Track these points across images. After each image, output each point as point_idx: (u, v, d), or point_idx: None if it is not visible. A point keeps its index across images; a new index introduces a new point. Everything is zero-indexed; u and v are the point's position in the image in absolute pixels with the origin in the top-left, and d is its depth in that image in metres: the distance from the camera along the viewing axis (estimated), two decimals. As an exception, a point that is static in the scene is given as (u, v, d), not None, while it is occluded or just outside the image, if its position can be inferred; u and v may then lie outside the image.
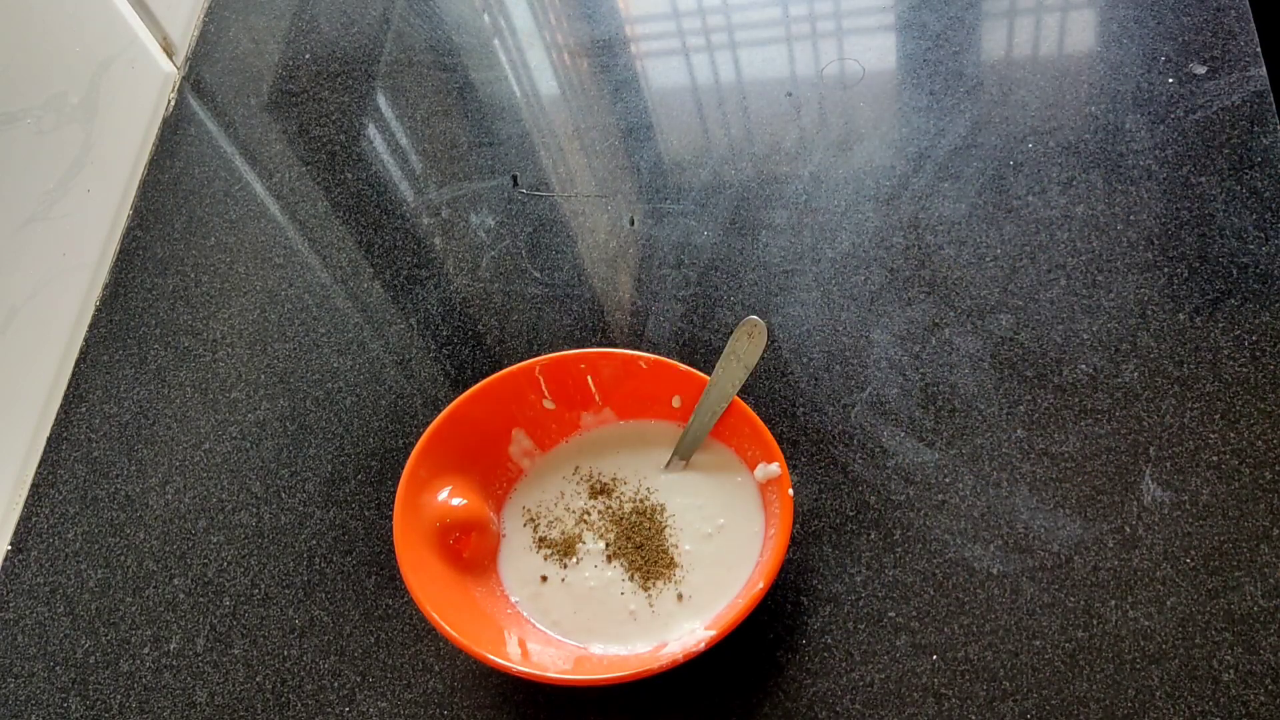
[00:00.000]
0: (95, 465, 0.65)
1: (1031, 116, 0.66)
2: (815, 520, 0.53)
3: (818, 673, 0.48)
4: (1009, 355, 0.56)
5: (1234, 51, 0.65)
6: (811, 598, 0.50)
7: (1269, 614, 0.45)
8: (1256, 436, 0.50)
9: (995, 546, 0.50)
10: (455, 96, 0.80)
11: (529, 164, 0.74)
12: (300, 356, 0.67)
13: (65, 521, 0.63)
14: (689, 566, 0.51)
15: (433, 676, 0.52)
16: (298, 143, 0.80)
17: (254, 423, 0.64)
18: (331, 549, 0.58)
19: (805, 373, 0.58)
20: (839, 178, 0.67)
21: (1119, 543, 0.49)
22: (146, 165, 0.81)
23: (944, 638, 0.48)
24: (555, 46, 0.82)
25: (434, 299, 0.68)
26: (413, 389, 0.64)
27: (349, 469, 0.61)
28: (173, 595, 0.58)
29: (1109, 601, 0.47)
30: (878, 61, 0.73)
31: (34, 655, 0.57)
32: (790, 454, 0.55)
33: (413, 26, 0.86)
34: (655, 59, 0.79)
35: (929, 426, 0.54)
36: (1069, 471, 0.51)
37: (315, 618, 0.55)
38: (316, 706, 0.52)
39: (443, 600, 0.48)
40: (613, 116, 0.75)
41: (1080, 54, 0.69)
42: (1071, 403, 0.54)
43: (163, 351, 0.70)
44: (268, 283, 0.72)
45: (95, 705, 0.55)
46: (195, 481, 0.62)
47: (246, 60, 0.87)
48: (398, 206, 0.74)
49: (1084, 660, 0.46)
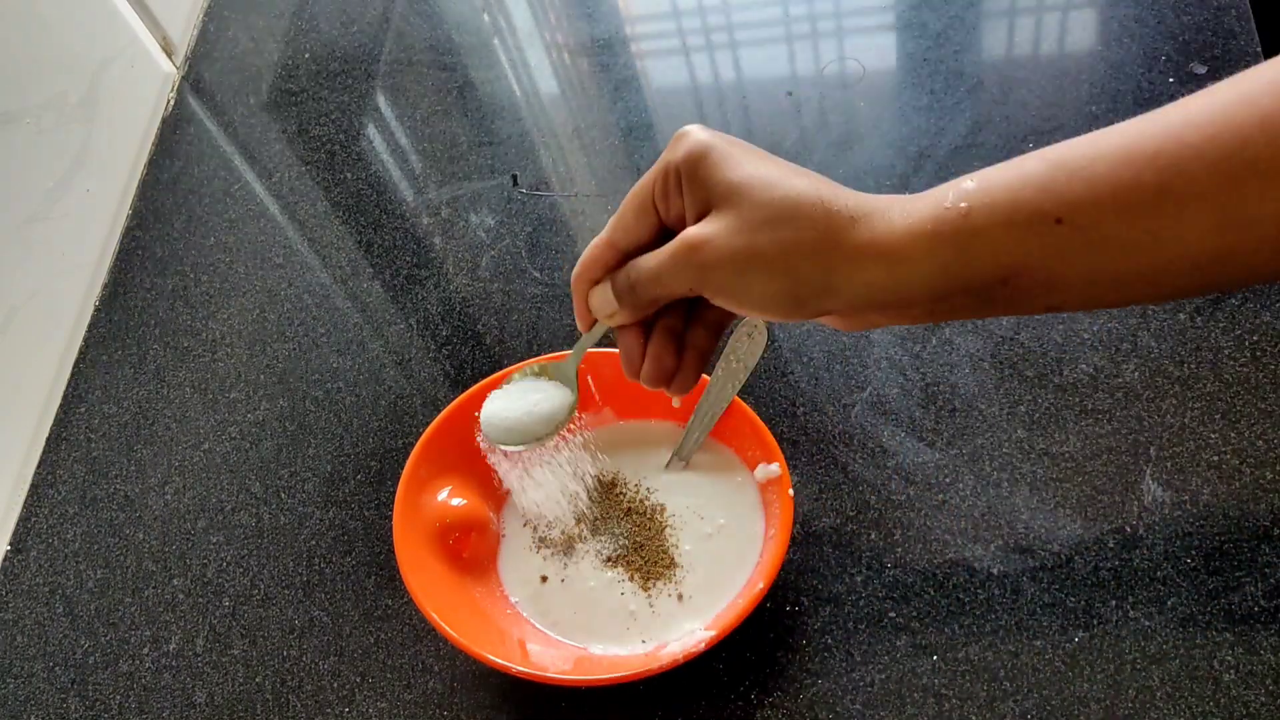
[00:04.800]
0: (94, 465, 0.65)
1: (1032, 116, 0.66)
2: (815, 520, 0.53)
3: (818, 673, 0.48)
4: (1009, 355, 0.56)
5: (1234, 51, 0.65)
6: (811, 598, 0.50)
7: (1269, 614, 0.45)
8: (1257, 436, 0.50)
9: (995, 546, 0.50)
10: (455, 96, 0.80)
11: (529, 163, 0.74)
12: (300, 356, 0.67)
13: (64, 522, 0.62)
14: (689, 567, 0.51)
15: (432, 676, 0.52)
16: (297, 142, 0.80)
17: (253, 423, 0.64)
18: (331, 549, 0.58)
19: (805, 373, 0.58)
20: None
21: (1119, 543, 0.49)
22: (146, 165, 0.81)
23: (944, 638, 0.48)
24: (555, 46, 0.82)
25: (434, 299, 0.67)
26: (412, 389, 0.64)
27: (348, 469, 0.61)
28: (172, 595, 0.58)
29: (1109, 601, 0.47)
30: (878, 61, 0.73)
31: (33, 655, 0.57)
32: (790, 454, 0.55)
33: (413, 26, 0.86)
34: (655, 58, 0.79)
35: (929, 426, 0.54)
36: (1069, 471, 0.51)
37: (315, 618, 0.55)
38: (316, 706, 0.52)
39: (443, 600, 0.48)
40: (613, 116, 0.75)
41: (1081, 53, 0.69)
42: (1072, 402, 0.53)
43: (162, 351, 0.70)
44: (267, 282, 0.72)
45: (95, 705, 0.54)
46: (195, 481, 0.62)
47: (246, 60, 0.87)
48: (397, 206, 0.74)
49: (1084, 660, 0.46)
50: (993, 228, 0.33)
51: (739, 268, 0.36)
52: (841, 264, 0.35)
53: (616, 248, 0.40)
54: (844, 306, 0.36)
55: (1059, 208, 0.32)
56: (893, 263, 0.34)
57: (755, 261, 0.35)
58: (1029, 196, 0.33)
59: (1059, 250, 0.33)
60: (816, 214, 0.35)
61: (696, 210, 0.37)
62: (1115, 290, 0.34)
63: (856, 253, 0.35)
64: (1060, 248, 0.33)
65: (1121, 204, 0.32)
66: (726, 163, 0.36)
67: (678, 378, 0.41)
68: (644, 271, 0.39)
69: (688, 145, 0.37)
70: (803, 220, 0.35)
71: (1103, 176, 0.32)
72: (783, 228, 0.35)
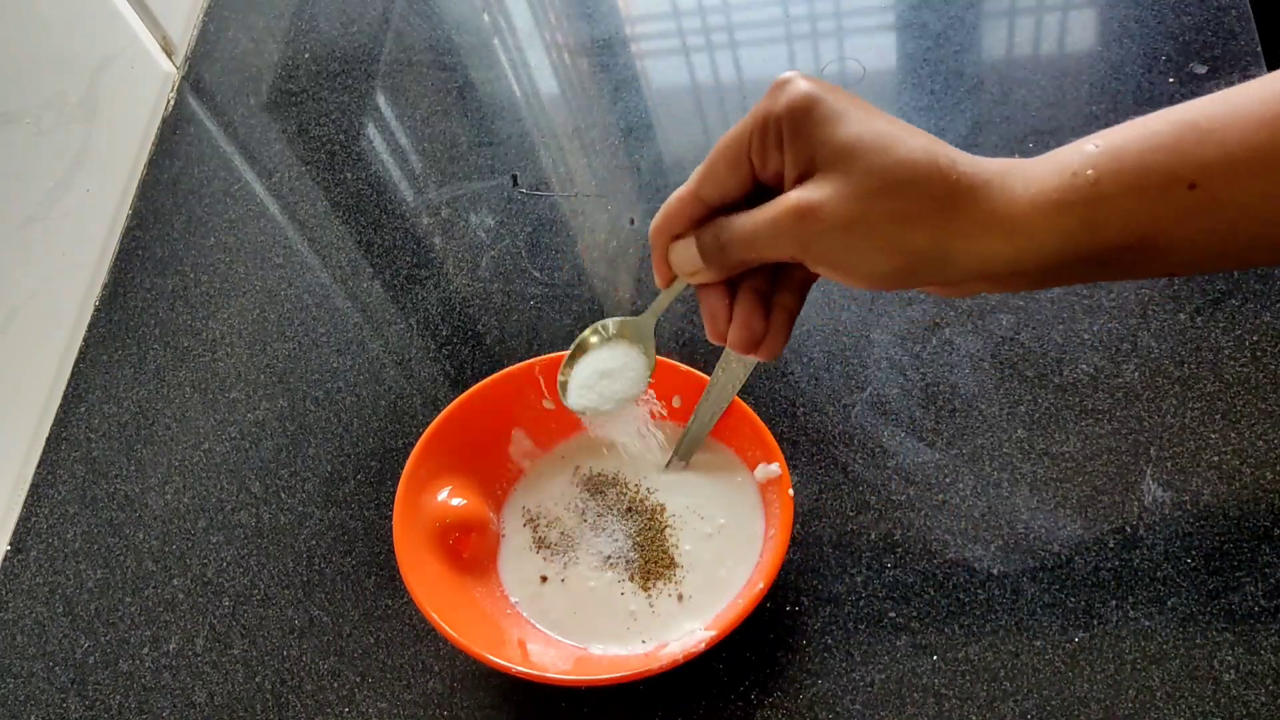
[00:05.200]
0: (94, 465, 0.65)
1: (1032, 116, 0.66)
2: (815, 520, 0.53)
3: (818, 673, 0.48)
4: (1009, 355, 0.56)
5: (1234, 51, 0.65)
6: (811, 598, 0.50)
7: (1269, 614, 0.45)
8: (1257, 436, 0.50)
9: (995, 546, 0.50)
10: (455, 96, 0.80)
11: (529, 164, 0.74)
12: (300, 356, 0.67)
13: (64, 521, 0.62)
14: (689, 566, 0.51)
15: (433, 676, 0.52)
16: (297, 142, 0.80)
17: (253, 423, 0.64)
18: (331, 549, 0.58)
19: (805, 373, 0.58)
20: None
21: (1119, 543, 0.49)
22: (146, 165, 0.81)
23: (944, 638, 0.48)
24: (555, 46, 0.82)
25: (434, 299, 0.67)
26: (412, 389, 0.64)
27: (348, 469, 0.61)
28: (172, 595, 0.58)
29: (1109, 601, 0.47)
30: (878, 61, 0.73)
31: (33, 655, 0.57)
32: (790, 454, 0.55)
33: (413, 26, 0.86)
34: (655, 59, 0.79)
35: (929, 426, 0.54)
36: (1069, 471, 0.51)
37: (315, 618, 0.55)
38: (316, 706, 0.52)
39: (443, 600, 0.48)
40: (612, 116, 0.75)
41: (1081, 53, 0.69)
42: (1072, 402, 0.53)
43: (162, 351, 0.70)
44: (267, 282, 0.72)
45: (94, 705, 0.54)
46: (194, 481, 0.62)
47: (246, 60, 0.87)
48: (397, 206, 0.74)
49: (1084, 660, 0.46)
50: (1122, 194, 0.32)
51: (850, 239, 0.33)
52: (959, 237, 0.33)
53: (703, 201, 0.37)
54: (958, 278, 0.34)
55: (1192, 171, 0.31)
56: (1014, 234, 0.33)
57: (869, 233, 0.33)
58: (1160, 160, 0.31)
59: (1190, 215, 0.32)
60: (934, 183, 0.33)
61: (799, 169, 0.34)
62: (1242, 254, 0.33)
63: (976, 225, 0.33)
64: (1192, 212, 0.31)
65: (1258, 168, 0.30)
66: (836, 119, 0.33)
67: (766, 341, 0.39)
68: (739, 232, 0.36)
69: (790, 96, 0.34)
70: (920, 189, 0.33)
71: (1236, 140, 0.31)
72: (899, 197, 0.33)
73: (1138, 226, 0.32)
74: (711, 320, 0.39)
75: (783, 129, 0.34)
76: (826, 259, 0.34)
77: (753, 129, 0.35)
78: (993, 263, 0.34)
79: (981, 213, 0.33)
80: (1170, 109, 0.33)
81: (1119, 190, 0.32)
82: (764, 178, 0.36)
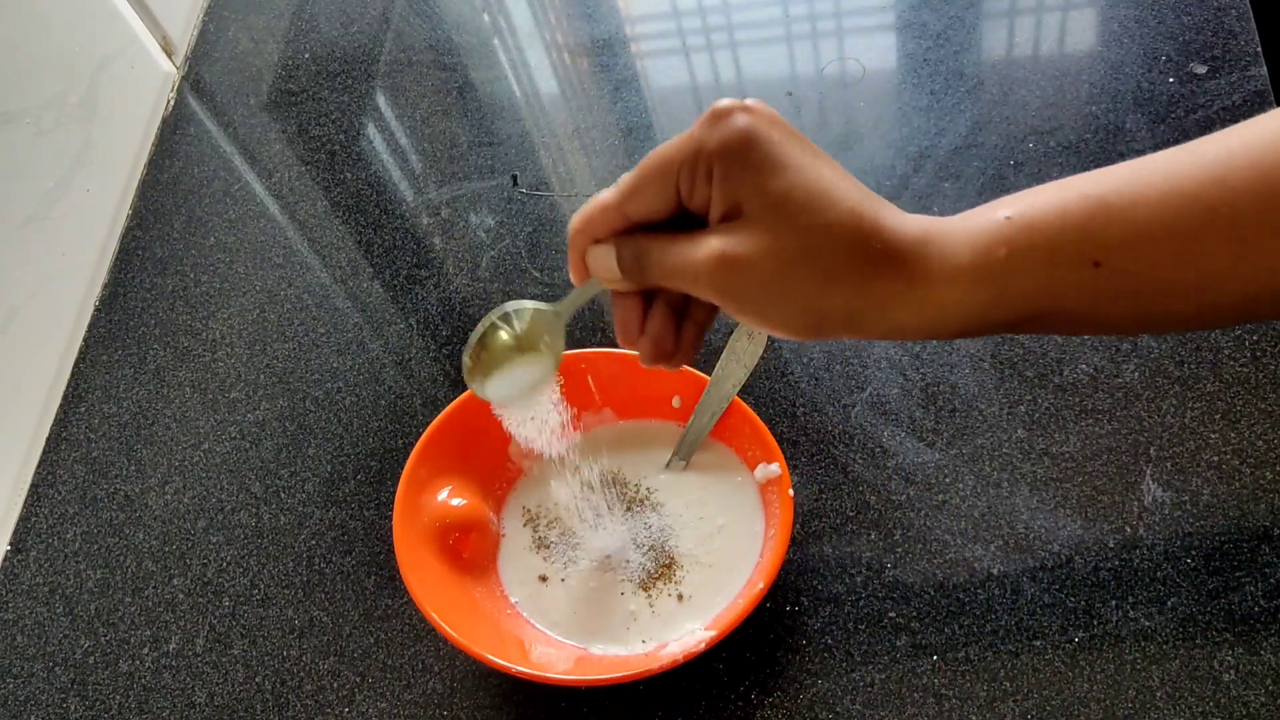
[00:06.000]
0: (94, 465, 0.65)
1: (1032, 116, 0.66)
2: (815, 520, 0.53)
3: (818, 673, 0.48)
4: (1009, 355, 0.56)
5: (1234, 51, 0.65)
6: (811, 598, 0.50)
7: (1269, 614, 0.45)
8: (1257, 436, 0.50)
9: (995, 546, 0.50)
10: (455, 96, 0.80)
11: (529, 164, 0.74)
12: (299, 356, 0.67)
13: (64, 522, 0.62)
14: (689, 566, 0.51)
15: (433, 677, 0.52)
16: (297, 142, 0.80)
17: (253, 423, 0.64)
18: (331, 549, 0.58)
19: (805, 373, 0.58)
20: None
21: (1119, 543, 0.49)
22: (146, 165, 0.81)
23: (944, 638, 0.48)
24: (555, 46, 0.82)
25: (433, 299, 0.67)
26: (412, 389, 0.64)
27: (348, 469, 0.61)
28: (172, 595, 0.58)
29: (1109, 601, 0.47)
30: (878, 61, 0.73)
31: (33, 655, 0.57)
32: (790, 454, 0.55)
33: (412, 26, 0.86)
34: (655, 59, 0.79)
35: (929, 426, 0.54)
36: (1069, 471, 0.51)
37: (315, 618, 0.55)
38: (316, 707, 0.52)
39: (443, 600, 0.48)
40: (613, 116, 0.75)
41: (1081, 53, 0.69)
42: (1072, 402, 0.53)
43: (162, 351, 0.70)
44: (267, 283, 0.72)
45: (94, 705, 0.54)
46: (194, 481, 0.62)
47: (246, 60, 0.87)
48: (397, 206, 0.74)
49: (1084, 660, 0.46)
50: (1031, 272, 0.33)
51: (768, 295, 0.34)
52: (873, 305, 0.34)
53: (625, 215, 0.37)
54: (870, 337, 0.36)
55: (1097, 250, 0.32)
56: (925, 306, 0.34)
57: (786, 292, 0.34)
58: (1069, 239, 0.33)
59: (1095, 290, 0.33)
60: (855, 252, 0.34)
61: (725, 208, 0.35)
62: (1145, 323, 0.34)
63: (890, 296, 0.34)
64: (1096, 289, 0.33)
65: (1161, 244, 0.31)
66: (769, 168, 0.34)
67: (676, 357, 0.40)
68: (659, 263, 0.37)
69: (724, 135, 0.34)
70: (840, 258, 0.34)
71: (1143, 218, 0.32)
72: (819, 261, 0.34)
73: (1045, 301, 0.34)
74: (623, 329, 0.40)
75: (713, 167, 0.34)
76: (742, 309, 0.36)
77: (683, 160, 0.35)
78: (903, 329, 0.35)
79: (896, 286, 0.34)
80: (1086, 178, 0.34)
81: (1028, 268, 0.33)
82: (690, 205, 0.36)
